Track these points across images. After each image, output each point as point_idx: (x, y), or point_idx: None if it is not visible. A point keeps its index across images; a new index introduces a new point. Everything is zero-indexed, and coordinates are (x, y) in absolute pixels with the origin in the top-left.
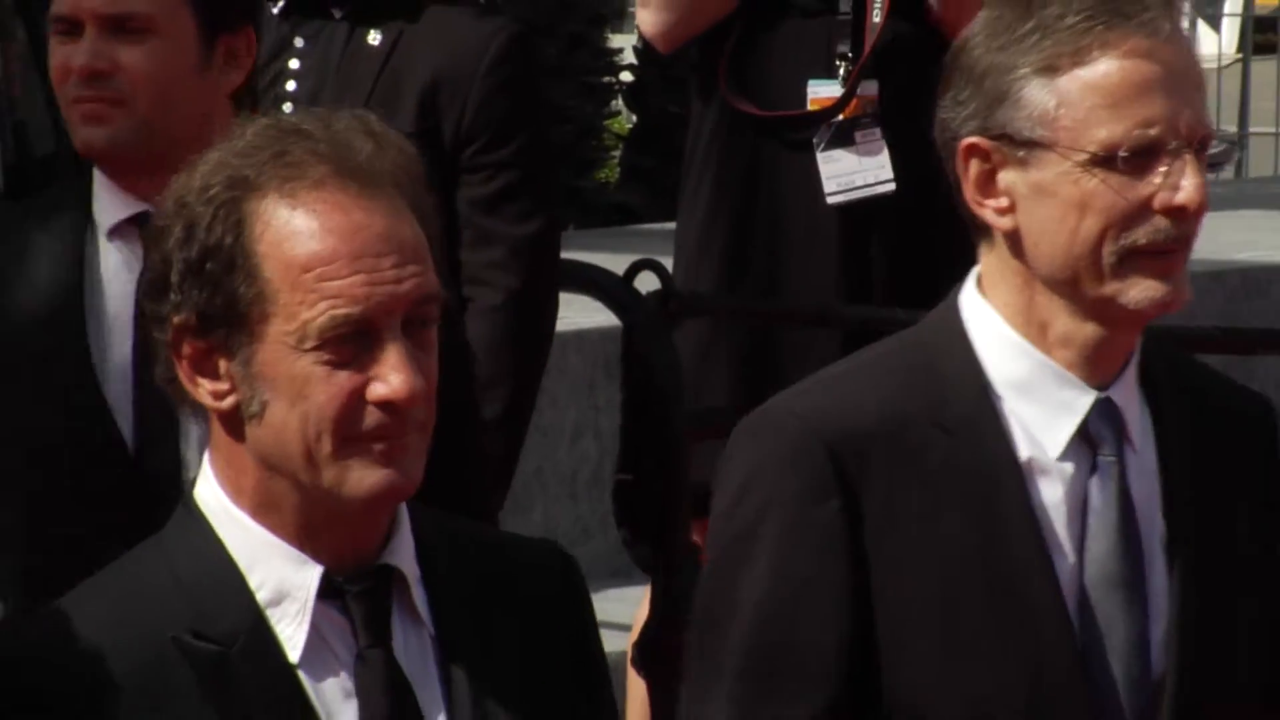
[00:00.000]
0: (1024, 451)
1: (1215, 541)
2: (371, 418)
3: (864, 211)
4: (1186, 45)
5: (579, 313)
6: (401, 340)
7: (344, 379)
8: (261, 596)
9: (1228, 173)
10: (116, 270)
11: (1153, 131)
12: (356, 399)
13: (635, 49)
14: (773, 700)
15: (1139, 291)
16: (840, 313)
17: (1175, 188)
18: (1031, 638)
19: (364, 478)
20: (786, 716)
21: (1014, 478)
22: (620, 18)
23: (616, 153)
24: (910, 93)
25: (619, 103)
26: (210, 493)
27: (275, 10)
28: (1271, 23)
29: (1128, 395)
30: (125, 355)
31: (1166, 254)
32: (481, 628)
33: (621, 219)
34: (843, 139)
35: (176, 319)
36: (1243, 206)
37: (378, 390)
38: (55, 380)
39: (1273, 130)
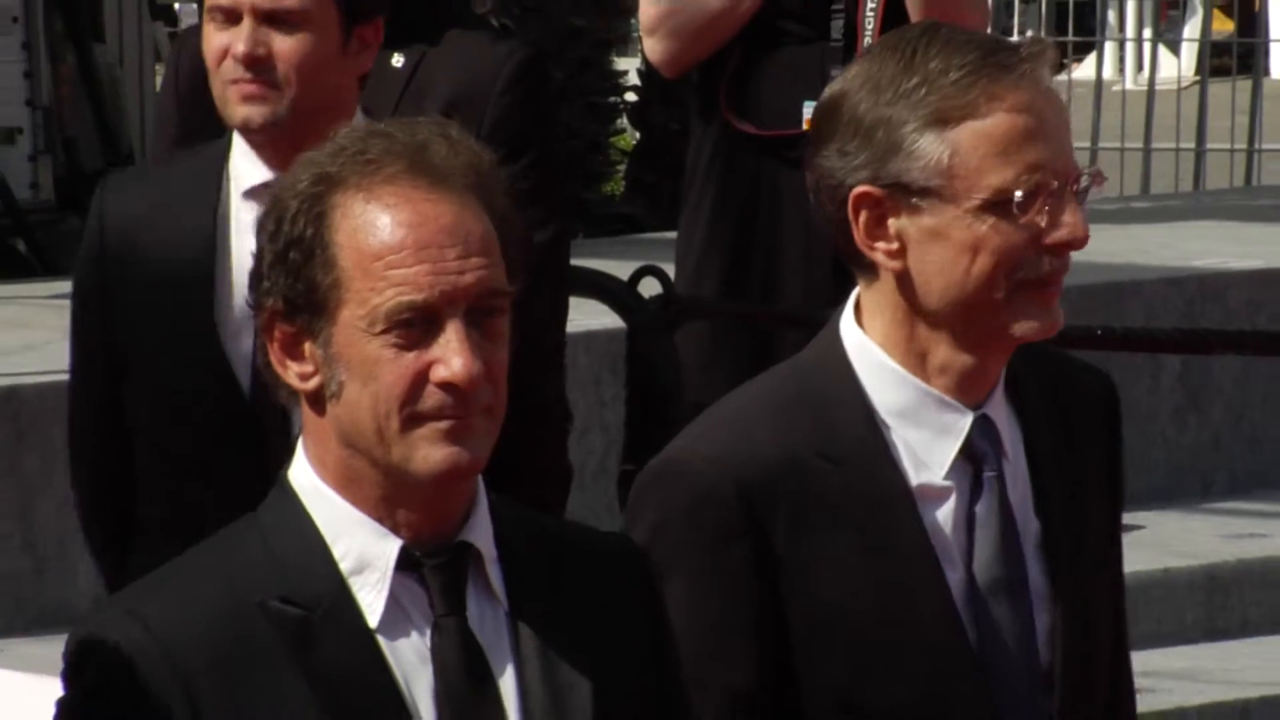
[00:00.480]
0: (912, 475)
1: (1079, 531)
2: (434, 398)
3: None
4: (1057, 91)
5: (587, 315)
6: (463, 327)
7: (409, 361)
8: (345, 566)
9: (1186, 186)
10: (249, 227)
11: (1039, 176)
12: (420, 380)
13: (639, 71)
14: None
15: (1025, 322)
16: (829, 316)
17: (1063, 225)
18: (930, 647)
19: (429, 454)
20: None
21: (904, 502)
22: (625, 43)
23: (621, 167)
24: None
25: (624, 121)
26: (302, 472)
27: None
28: (1227, 47)
29: (999, 408)
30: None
31: (1050, 285)
32: (554, 607)
33: (626, 228)
34: None
35: (267, 304)
36: (1200, 218)
37: (439, 372)
38: (182, 324)
39: (1228, 147)
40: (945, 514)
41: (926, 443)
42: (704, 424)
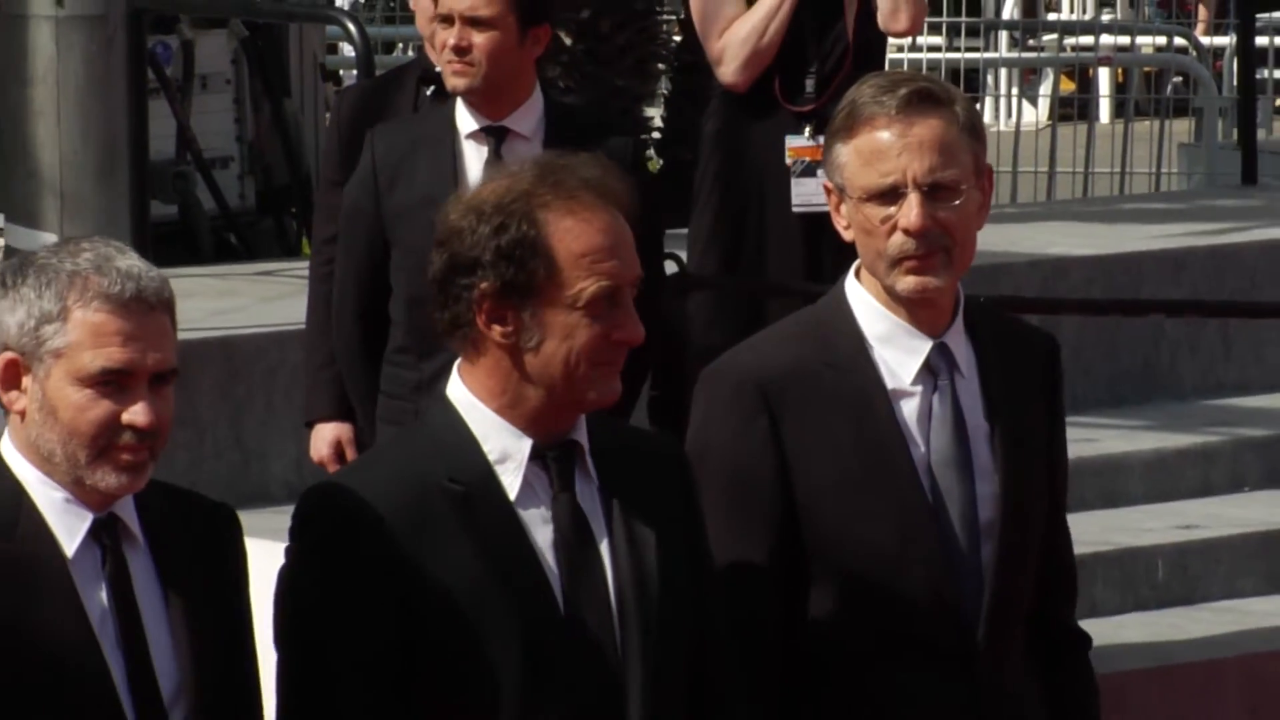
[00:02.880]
0: (888, 381)
1: (1019, 432)
2: (612, 351)
3: (820, 220)
4: (936, 125)
5: None
6: (631, 301)
7: (599, 328)
8: (491, 457)
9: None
10: (473, 159)
11: (889, 180)
12: (606, 340)
13: (661, 117)
14: (739, 543)
15: (898, 283)
16: (802, 288)
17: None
18: (898, 501)
19: (603, 390)
20: (749, 553)
21: (882, 398)
22: (652, 96)
23: None
24: None
25: (651, 152)
26: (458, 391)
27: (428, 93)
28: (1070, 101)
29: (957, 340)
30: None
31: (911, 259)
32: (629, 486)
33: None
34: (809, 172)
35: (483, 285)
36: (1051, 219)
37: (620, 334)
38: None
39: (1070, 170)
40: (911, 409)
41: (899, 359)
42: (745, 344)
